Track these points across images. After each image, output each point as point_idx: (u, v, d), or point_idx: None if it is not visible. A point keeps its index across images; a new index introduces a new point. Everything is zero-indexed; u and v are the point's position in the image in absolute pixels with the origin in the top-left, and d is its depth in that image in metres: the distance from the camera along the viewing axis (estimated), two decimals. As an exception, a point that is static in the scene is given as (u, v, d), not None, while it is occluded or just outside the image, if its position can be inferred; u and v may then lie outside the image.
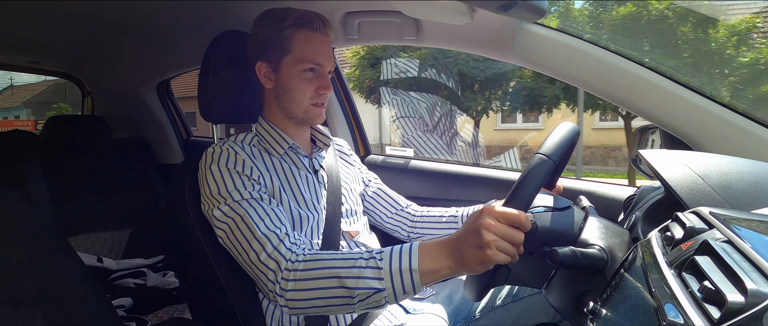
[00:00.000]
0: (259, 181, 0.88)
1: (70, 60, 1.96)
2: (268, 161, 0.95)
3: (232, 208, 0.84)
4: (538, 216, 0.72)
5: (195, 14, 1.37)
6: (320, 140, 1.07)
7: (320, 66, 0.95)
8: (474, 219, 0.68)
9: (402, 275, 0.71)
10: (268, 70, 0.96)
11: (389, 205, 1.19)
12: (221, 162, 0.88)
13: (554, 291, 0.70)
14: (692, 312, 0.35)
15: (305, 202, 0.94)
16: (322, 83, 0.96)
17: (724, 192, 0.60)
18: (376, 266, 0.72)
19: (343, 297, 0.73)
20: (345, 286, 0.72)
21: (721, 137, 0.91)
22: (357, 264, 0.73)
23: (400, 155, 1.71)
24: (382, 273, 0.72)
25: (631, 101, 0.98)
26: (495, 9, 0.82)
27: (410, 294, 0.73)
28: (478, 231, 0.66)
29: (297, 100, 0.95)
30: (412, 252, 0.72)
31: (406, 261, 0.72)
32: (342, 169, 1.11)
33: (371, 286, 0.72)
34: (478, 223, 0.66)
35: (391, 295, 0.72)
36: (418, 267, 0.71)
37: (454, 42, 1.22)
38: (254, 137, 0.99)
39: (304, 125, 1.01)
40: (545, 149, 0.69)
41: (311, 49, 0.94)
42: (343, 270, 0.73)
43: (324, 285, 0.74)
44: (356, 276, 0.72)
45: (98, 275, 1.60)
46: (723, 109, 0.92)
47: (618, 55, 0.98)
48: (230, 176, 0.86)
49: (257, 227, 0.81)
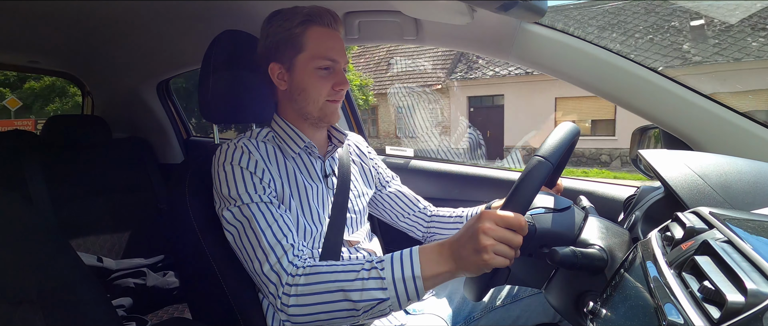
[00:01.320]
0: (270, 185, 0.88)
1: (70, 60, 1.96)
2: (281, 164, 0.93)
3: (242, 211, 0.83)
4: (538, 217, 0.72)
5: (195, 14, 1.37)
6: (336, 137, 1.04)
7: (335, 62, 0.93)
8: (472, 223, 0.68)
9: (405, 282, 0.71)
10: (281, 71, 0.94)
11: (407, 206, 1.19)
12: (235, 160, 0.86)
13: (554, 291, 0.70)
14: (692, 312, 0.35)
15: (311, 213, 0.93)
16: (338, 79, 0.94)
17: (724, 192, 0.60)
18: (378, 276, 0.72)
19: (347, 310, 0.73)
20: (349, 299, 0.72)
21: (721, 137, 0.91)
22: (359, 275, 0.73)
23: (400, 155, 1.71)
24: (385, 283, 0.71)
25: (631, 101, 0.98)
26: (495, 9, 0.82)
27: (414, 300, 0.73)
28: (476, 236, 0.66)
29: (312, 98, 0.93)
30: (414, 258, 0.72)
31: (408, 269, 0.71)
32: (354, 172, 1.09)
33: (375, 297, 0.71)
34: (476, 227, 0.66)
35: (396, 303, 0.72)
36: (421, 274, 0.71)
37: (454, 42, 1.22)
38: (270, 132, 0.97)
39: (320, 126, 0.99)
40: (544, 151, 0.68)
41: (325, 44, 0.92)
42: (346, 283, 0.73)
43: (327, 299, 0.73)
44: (360, 288, 0.72)
45: (98, 275, 1.61)
46: (723, 109, 0.91)
47: (618, 55, 0.98)
48: (242, 176, 0.86)
49: (264, 235, 0.81)
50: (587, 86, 1.03)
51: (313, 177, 0.98)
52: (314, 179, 0.98)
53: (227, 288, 0.91)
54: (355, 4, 1.21)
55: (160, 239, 1.85)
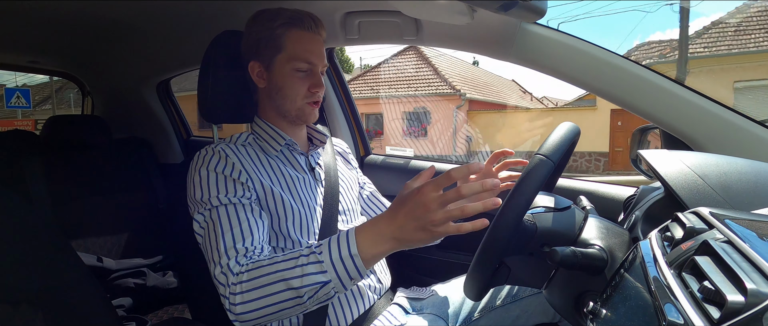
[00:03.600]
0: (247, 184, 0.88)
1: (70, 60, 1.96)
2: (263, 162, 0.95)
3: (210, 215, 0.85)
4: (539, 216, 0.72)
5: (195, 14, 1.37)
6: (317, 138, 1.08)
7: (312, 65, 0.96)
8: (404, 200, 0.66)
9: (344, 262, 0.70)
10: (260, 70, 0.97)
11: (379, 210, 1.20)
12: (211, 165, 0.88)
13: (554, 291, 0.70)
14: (692, 313, 0.35)
15: (301, 200, 0.95)
16: (314, 81, 0.97)
17: (724, 192, 0.60)
18: (316, 260, 0.71)
19: (292, 299, 0.72)
20: (291, 287, 0.72)
21: (721, 137, 0.91)
22: (298, 262, 0.72)
23: (401, 155, 1.72)
24: (324, 266, 0.71)
25: (631, 101, 0.98)
26: (495, 9, 0.82)
27: (357, 280, 0.72)
28: (418, 214, 0.64)
29: (290, 98, 0.96)
30: (350, 237, 0.71)
31: (344, 248, 0.70)
32: (340, 168, 1.11)
33: (317, 281, 0.71)
34: (414, 204, 0.64)
35: (339, 284, 0.71)
36: (359, 252, 0.70)
37: (454, 42, 1.22)
38: (250, 135, 1.00)
39: (298, 124, 1.02)
40: (545, 150, 0.69)
41: (303, 47, 0.95)
42: (286, 272, 0.72)
43: (270, 291, 0.73)
44: (300, 274, 0.71)
45: (98, 275, 1.61)
46: (723, 109, 0.92)
47: (618, 55, 0.98)
48: (216, 180, 0.87)
49: (223, 239, 0.81)
50: (587, 86, 1.03)
51: (299, 169, 1.00)
52: (300, 172, 0.99)
53: (227, 288, 0.91)
54: (355, 4, 1.21)
55: (160, 239, 1.85)
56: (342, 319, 0.96)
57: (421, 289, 1.10)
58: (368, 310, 1.00)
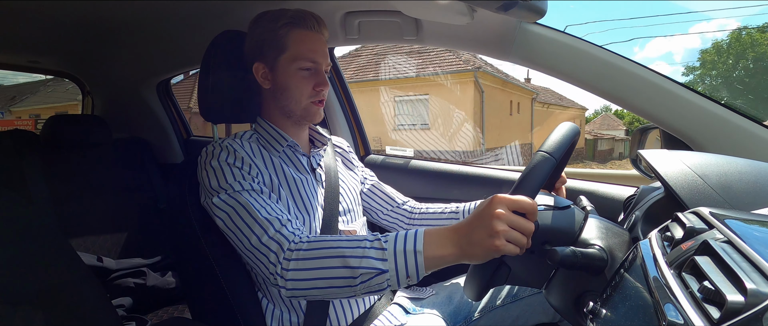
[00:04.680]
0: (258, 176, 0.89)
1: (70, 60, 1.96)
2: (266, 159, 0.95)
3: (232, 197, 0.84)
4: (540, 214, 0.72)
5: (195, 14, 1.37)
6: (318, 140, 1.08)
7: (316, 64, 0.96)
8: (484, 207, 0.67)
9: (406, 256, 0.71)
10: (265, 71, 0.97)
11: (384, 202, 1.20)
12: (221, 158, 0.88)
13: (554, 291, 0.70)
14: (692, 312, 0.35)
15: (303, 201, 0.95)
16: (318, 80, 0.97)
17: (724, 192, 0.60)
18: (380, 247, 0.72)
19: (345, 278, 0.72)
20: (348, 266, 0.72)
21: (721, 137, 0.91)
22: (362, 244, 0.73)
23: (401, 154, 1.72)
24: (386, 254, 0.71)
25: (631, 101, 0.98)
26: (495, 9, 0.82)
27: (413, 279, 0.72)
28: (489, 220, 0.65)
29: (295, 98, 0.96)
30: (418, 236, 0.72)
31: (411, 243, 0.71)
32: (341, 168, 1.12)
33: (375, 266, 0.71)
34: (489, 212, 0.65)
35: (394, 277, 0.71)
36: (423, 250, 0.70)
37: (454, 42, 1.22)
38: (253, 134, 1.00)
39: (302, 124, 1.02)
40: (547, 147, 0.69)
41: (306, 47, 0.95)
42: (347, 250, 0.73)
43: (327, 265, 0.73)
44: (360, 255, 0.72)
45: (98, 275, 1.61)
46: (723, 109, 0.92)
47: (618, 55, 0.98)
48: (230, 170, 0.87)
49: (259, 213, 0.81)
50: (587, 86, 1.03)
51: (301, 170, 1.00)
52: (302, 172, 1.00)
53: (227, 288, 0.91)
54: (355, 4, 1.21)
55: (160, 239, 1.85)
56: (342, 319, 0.96)
57: (421, 289, 1.10)
58: (369, 310, 1.00)
